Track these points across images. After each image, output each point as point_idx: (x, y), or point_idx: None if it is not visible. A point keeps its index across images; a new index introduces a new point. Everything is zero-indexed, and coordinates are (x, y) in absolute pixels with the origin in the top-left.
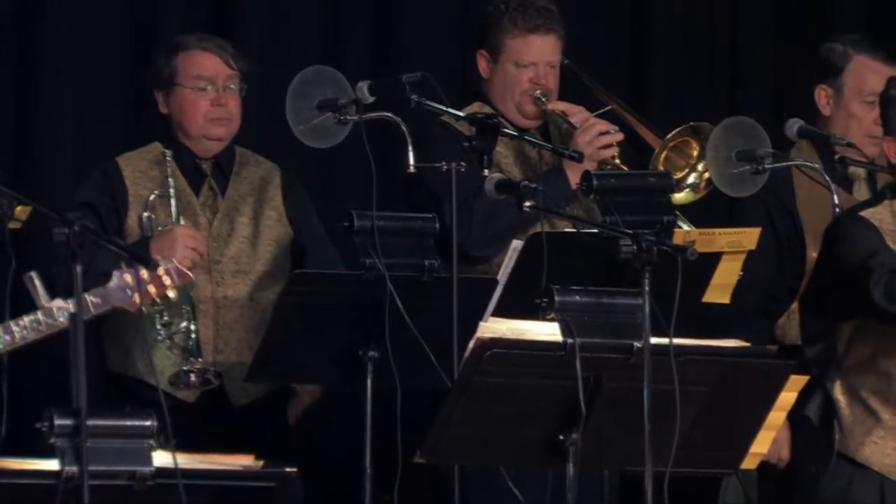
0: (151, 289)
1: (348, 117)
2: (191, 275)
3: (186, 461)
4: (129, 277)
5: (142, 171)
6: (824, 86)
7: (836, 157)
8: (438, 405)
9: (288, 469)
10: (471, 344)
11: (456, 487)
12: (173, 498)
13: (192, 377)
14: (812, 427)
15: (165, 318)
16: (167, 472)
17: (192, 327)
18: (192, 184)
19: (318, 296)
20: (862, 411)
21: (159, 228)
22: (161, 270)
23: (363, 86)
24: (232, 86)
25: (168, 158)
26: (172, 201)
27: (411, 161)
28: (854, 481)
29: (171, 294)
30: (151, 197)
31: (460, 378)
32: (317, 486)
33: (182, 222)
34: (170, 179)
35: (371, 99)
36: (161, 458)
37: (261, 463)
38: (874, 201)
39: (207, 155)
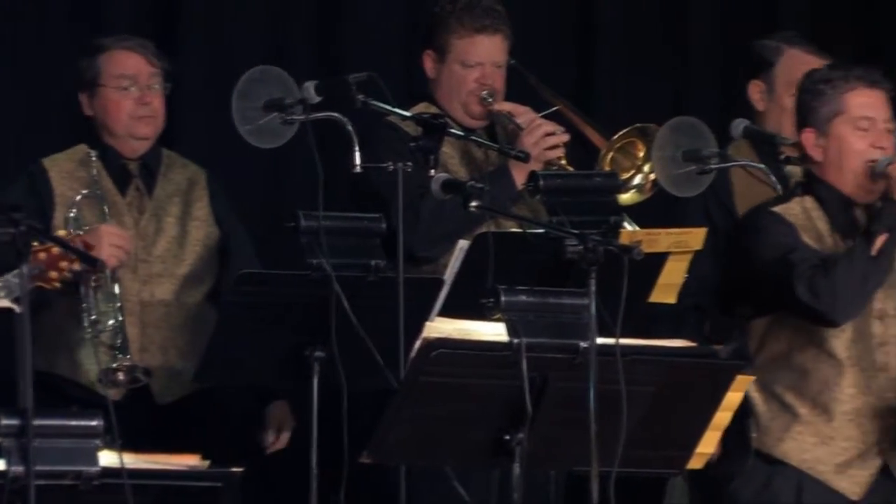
0: (63, 263)
1: (294, 117)
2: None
3: (133, 461)
4: (42, 255)
5: (68, 172)
6: (757, 81)
7: (782, 156)
8: (385, 405)
9: (234, 469)
10: (417, 344)
11: (402, 487)
12: (119, 498)
13: (121, 375)
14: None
15: (93, 317)
16: (113, 472)
17: (120, 321)
18: (118, 184)
19: (264, 296)
20: (778, 407)
21: (85, 228)
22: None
23: (309, 86)
24: (155, 84)
25: (93, 158)
26: (103, 203)
27: (357, 161)
28: (771, 480)
29: (76, 266)
30: (78, 197)
31: (406, 378)
32: (262, 486)
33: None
34: (96, 179)
35: (317, 99)
36: (107, 458)
37: (206, 463)
38: (785, 197)
39: (134, 155)
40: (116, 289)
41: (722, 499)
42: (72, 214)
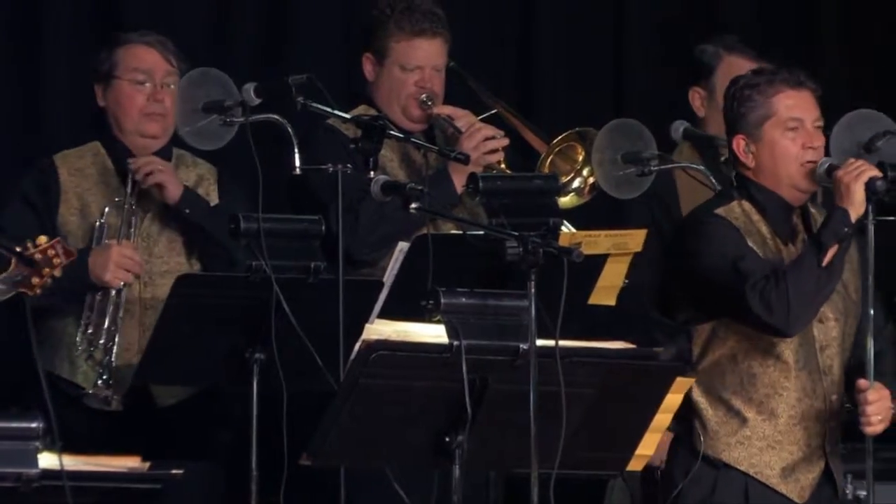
0: (46, 270)
1: (234, 119)
2: (73, 249)
3: (72, 463)
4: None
5: (78, 169)
6: (698, 87)
7: (722, 158)
8: (325, 407)
9: (174, 471)
10: (357, 346)
11: (342, 489)
12: (60, 500)
13: (94, 402)
14: (671, 431)
15: (90, 331)
16: (53, 474)
17: (113, 343)
18: (125, 182)
19: (204, 298)
20: (725, 412)
21: (105, 241)
22: (50, 251)
23: (249, 88)
24: (170, 83)
25: (130, 167)
26: (131, 216)
27: (297, 163)
28: (718, 484)
29: (57, 273)
30: (107, 209)
31: (346, 380)
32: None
33: (130, 240)
34: (127, 190)
35: (257, 101)
36: (47, 460)
37: (147, 465)
38: (724, 199)
39: (143, 153)
40: (120, 311)
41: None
42: (99, 223)
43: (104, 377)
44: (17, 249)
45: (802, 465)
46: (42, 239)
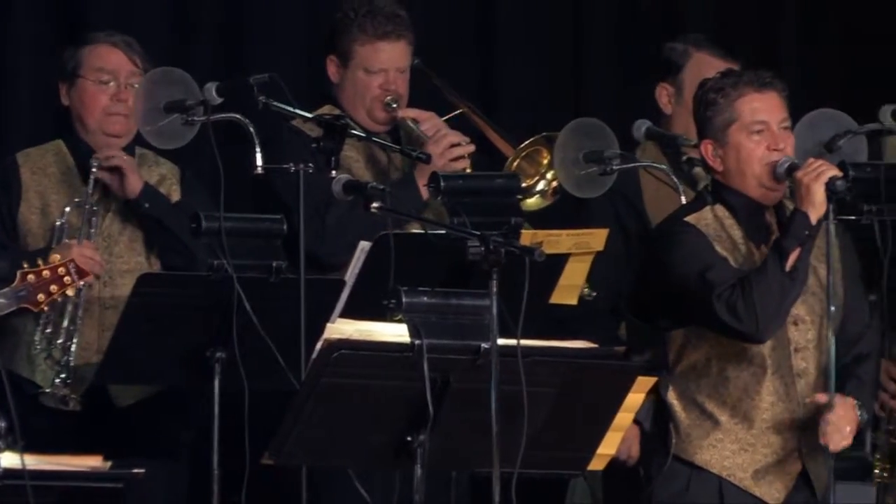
0: (53, 287)
1: (196, 118)
2: (89, 273)
3: (34, 462)
4: (31, 277)
5: (40, 167)
6: (665, 84)
7: (684, 157)
8: (287, 406)
9: (135, 471)
10: (318, 345)
11: (304, 489)
12: (21, 499)
13: (51, 401)
14: (644, 431)
15: (48, 330)
16: (15, 474)
17: (71, 343)
18: (86, 181)
19: (165, 297)
20: (698, 415)
21: (65, 240)
22: (61, 269)
23: (211, 87)
24: (134, 83)
25: (94, 168)
26: (91, 216)
27: (259, 162)
28: (692, 483)
29: (70, 292)
30: (67, 209)
31: (308, 379)
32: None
33: (90, 239)
34: (88, 189)
35: (219, 100)
36: (8, 460)
37: (108, 464)
38: (697, 206)
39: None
40: (80, 310)
41: (639, 501)
42: (59, 223)
43: (62, 376)
44: (24, 266)
45: (776, 468)
46: (55, 257)
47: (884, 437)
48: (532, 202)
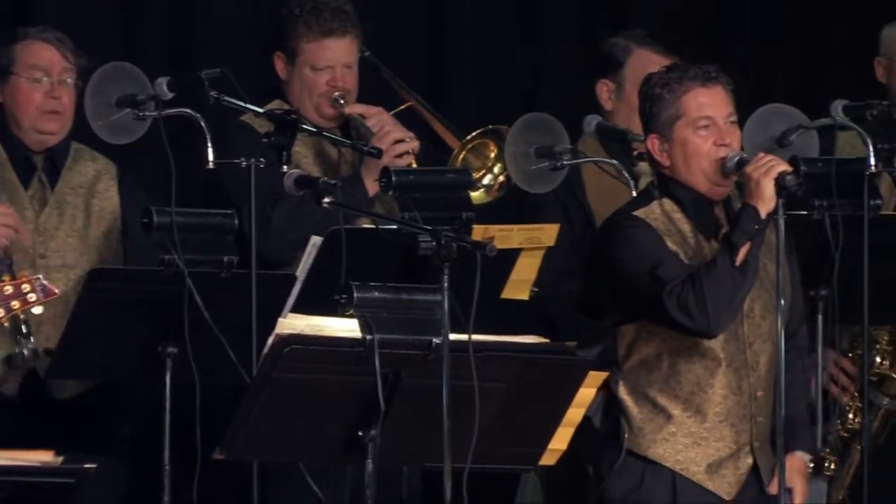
0: (16, 304)
1: (147, 113)
2: (56, 290)
3: None
4: None
5: None
6: (606, 80)
7: (636, 153)
8: (238, 401)
9: (87, 465)
10: (269, 340)
11: (255, 484)
12: None
13: (26, 353)
14: (594, 427)
15: None
16: None
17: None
18: (21, 176)
19: (116, 292)
20: (651, 409)
21: None
22: (26, 286)
23: (162, 82)
24: (67, 80)
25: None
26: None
27: (210, 157)
28: (645, 478)
29: (37, 311)
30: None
31: (259, 374)
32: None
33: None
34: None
35: (170, 95)
36: None
37: (60, 459)
38: (644, 201)
39: (39, 148)
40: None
41: (591, 498)
42: None
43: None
44: None
45: (729, 461)
46: (23, 274)
47: (834, 430)
48: (476, 195)
